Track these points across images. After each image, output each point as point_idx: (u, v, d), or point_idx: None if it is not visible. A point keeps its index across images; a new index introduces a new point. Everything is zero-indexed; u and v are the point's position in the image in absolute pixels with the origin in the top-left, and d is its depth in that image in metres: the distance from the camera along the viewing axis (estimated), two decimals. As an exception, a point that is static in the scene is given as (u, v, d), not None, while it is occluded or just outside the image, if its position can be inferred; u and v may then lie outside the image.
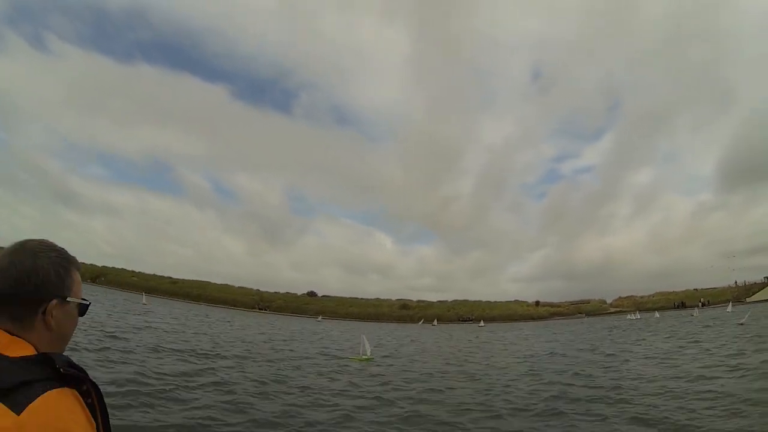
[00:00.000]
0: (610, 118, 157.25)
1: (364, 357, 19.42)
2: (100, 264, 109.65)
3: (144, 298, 52.56)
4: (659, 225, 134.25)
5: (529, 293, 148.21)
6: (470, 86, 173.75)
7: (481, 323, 73.68)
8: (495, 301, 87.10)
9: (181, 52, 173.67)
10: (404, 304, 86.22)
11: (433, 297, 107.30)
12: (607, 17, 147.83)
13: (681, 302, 71.65)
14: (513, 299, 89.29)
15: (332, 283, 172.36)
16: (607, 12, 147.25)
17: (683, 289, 77.19)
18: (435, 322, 78.87)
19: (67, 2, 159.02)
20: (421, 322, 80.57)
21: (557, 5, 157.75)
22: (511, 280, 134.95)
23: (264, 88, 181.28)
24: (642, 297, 79.23)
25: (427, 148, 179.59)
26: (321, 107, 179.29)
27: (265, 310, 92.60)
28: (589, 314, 79.05)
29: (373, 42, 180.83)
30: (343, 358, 19.45)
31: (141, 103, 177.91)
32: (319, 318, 77.79)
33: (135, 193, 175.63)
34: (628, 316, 60.33)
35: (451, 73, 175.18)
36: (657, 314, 57.80)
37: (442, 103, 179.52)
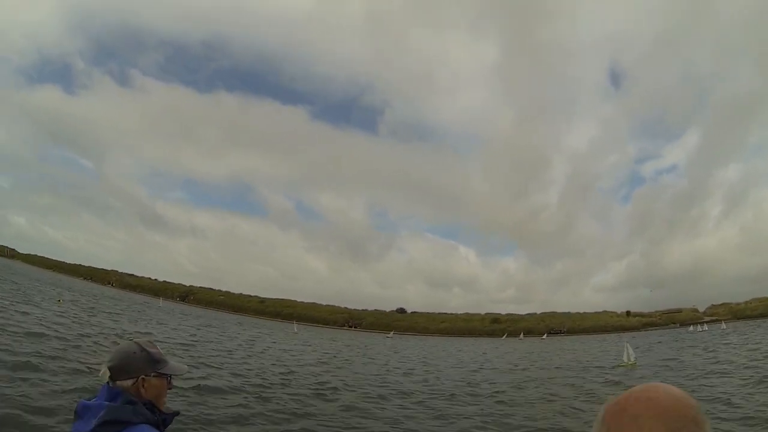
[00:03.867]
0: (694, 114, 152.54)
1: (629, 362, 20.64)
2: (186, 283, 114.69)
3: (295, 327, 54.77)
4: (752, 223, 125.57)
5: (613, 303, 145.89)
6: (555, 93, 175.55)
7: (544, 336, 74.36)
8: (584, 312, 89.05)
9: (259, 78, 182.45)
10: (495, 318, 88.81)
11: (514, 309, 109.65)
12: (688, 8, 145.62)
13: (783, 308, 72.34)
14: (599, 310, 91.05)
15: (415, 298, 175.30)
16: (688, 2, 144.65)
17: (782, 294, 77.51)
18: (521, 336, 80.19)
19: (149, 40, 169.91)
20: (504, 336, 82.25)
21: (637, 2, 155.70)
22: (594, 290, 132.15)
23: (343, 107, 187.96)
24: (738, 304, 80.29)
25: (512, 159, 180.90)
26: (403, 122, 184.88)
27: (356, 327, 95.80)
28: (683, 324, 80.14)
29: (458, 55, 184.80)
30: (603, 367, 21.37)
31: (223, 129, 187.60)
32: (391, 334, 76.87)
33: (218, 215, 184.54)
34: (722, 326, 58.22)
35: (536, 81, 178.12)
36: (723, 325, 56.51)
37: (528, 112, 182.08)
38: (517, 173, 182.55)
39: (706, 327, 62.38)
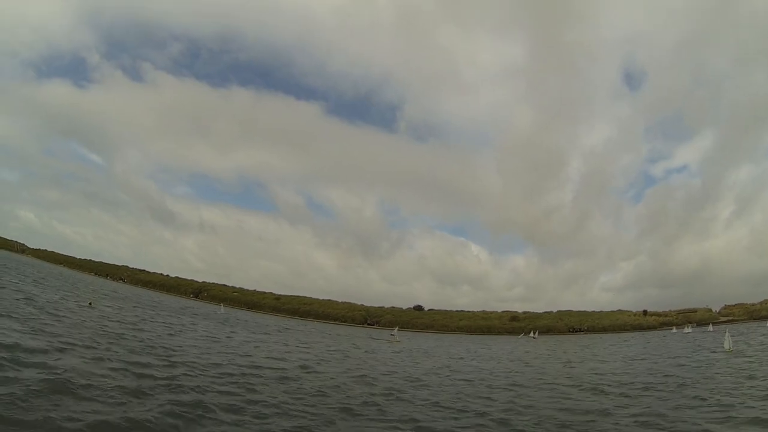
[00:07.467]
0: (709, 115, 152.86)
1: (729, 349, 25.13)
2: (194, 279, 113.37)
3: (397, 334, 50.47)
4: (762, 226, 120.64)
5: (620, 303, 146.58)
6: (574, 93, 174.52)
7: (532, 334, 75.13)
8: (600, 311, 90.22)
9: (274, 73, 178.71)
10: (514, 316, 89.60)
11: (521, 307, 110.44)
12: (709, 12, 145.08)
13: (797, 310, 74.15)
14: (606, 309, 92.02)
15: (423, 295, 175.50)
16: (709, 7, 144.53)
17: (795, 295, 79.22)
18: (535, 334, 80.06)
19: (162, 33, 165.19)
20: (521, 335, 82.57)
21: (658, 3, 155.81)
22: (602, 290, 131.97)
23: (358, 103, 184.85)
24: (753, 304, 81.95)
25: (527, 158, 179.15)
26: (418, 119, 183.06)
27: (374, 325, 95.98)
28: (699, 323, 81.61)
29: (482, 55, 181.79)
30: (716, 352, 25.28)
31: (236, 123, 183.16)
32: (395, 330, 74.00)
33: (228, 211, 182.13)
34: (709, 328, 59.45)
35: (557, 82, 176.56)
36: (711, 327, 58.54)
37: (546, 111, 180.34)
38: (531, 172, 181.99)
39: (690, 329, 64.90)
